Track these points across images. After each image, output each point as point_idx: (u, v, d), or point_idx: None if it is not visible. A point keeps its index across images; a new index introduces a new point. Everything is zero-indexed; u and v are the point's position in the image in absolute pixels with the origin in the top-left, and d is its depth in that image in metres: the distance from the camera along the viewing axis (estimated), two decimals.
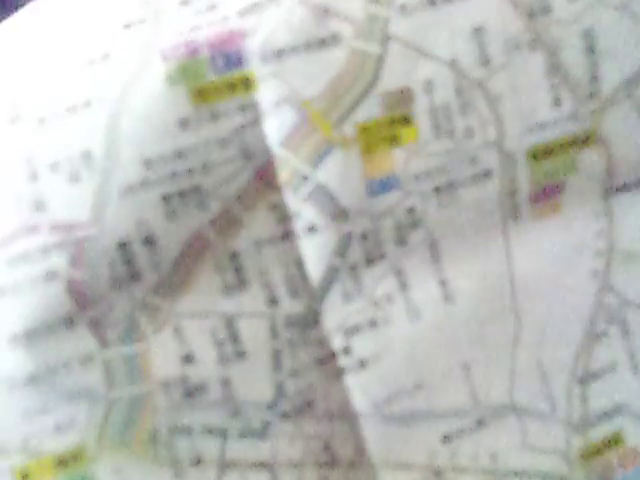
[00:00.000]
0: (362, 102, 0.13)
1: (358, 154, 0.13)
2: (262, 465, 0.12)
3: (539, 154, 0.14)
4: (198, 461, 0.12)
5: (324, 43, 0.12)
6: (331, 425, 0.13)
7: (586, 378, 0.15)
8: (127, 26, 0.12)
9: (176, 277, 0.12)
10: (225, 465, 0.12)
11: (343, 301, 0.13)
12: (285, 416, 0.13)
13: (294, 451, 0.13)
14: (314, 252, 0.13)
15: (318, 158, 0.13)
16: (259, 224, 0.13)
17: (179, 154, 0.12)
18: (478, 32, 0.13)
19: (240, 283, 0.13)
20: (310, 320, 0.13)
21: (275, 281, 0.13)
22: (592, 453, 0.15)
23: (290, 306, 0.13)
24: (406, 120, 0.13)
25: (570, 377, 0.14)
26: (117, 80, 0.12)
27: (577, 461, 0.14)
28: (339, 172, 0.13)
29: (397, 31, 0.12)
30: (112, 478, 0.12)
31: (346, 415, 0.13)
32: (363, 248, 0.13)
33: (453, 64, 0.13)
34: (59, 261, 0.12)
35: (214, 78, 0.12)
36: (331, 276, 0.13)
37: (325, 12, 0.12)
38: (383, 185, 0.13)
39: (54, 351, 0.12)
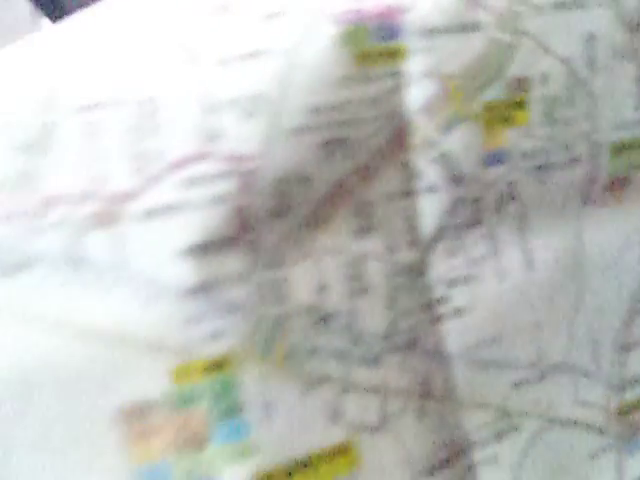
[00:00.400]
0: (491, 84, 0.14)
1: (480, 128, 0.15)
2: (375, 390, 0.14)
3: (618, 149, 0.16)
4: (324, 380, 0.14)
5: (468, 28, 0.14)
6: (429, 362, 0.15)
7: (627, 346, 0.17)
8: None
9: (319, 216, 0.14)
10: (346, 386, 0.14)
11: (446, 256, 0.15)
12: (395, 349, 0.14)
13: (401, 381, 0.14)
14: (430, 210, 0.15)
15: (447, 127, 0.15)
16: (390, 179, 0.14)
17: (337, 107, 0.14)
18: (590, 38, 0.15)
19: (368, 228, 0.14)
20: (419, 269, 0.15)
21: (395, 231, 0.15)
22: (626, 411, 0.17)
23: (404, 255, 0.15)
24: (521, 105, 0.15)
25: (614, 344, 0.17)
26: (291, 35, 0.13)
27: (614, 416, 0.17)
28: (463, 142, 0.15)
29: (529, 27, 0.14)
30: (253, 386, 0.13)
31: (441, 355, 0.15)
32: (469, 212, 0.15)
33: (566, 62, 0.15)
34: (228, 187, 0.13)
35: (374, 45, 0.14)
36: (440, 233, 0.15)
37: (474, 2, 0.14)
38: (495, 158, 0.15)
39: (216, 267, 0.13)
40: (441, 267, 0.15)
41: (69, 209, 0.13)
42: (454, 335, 0.15)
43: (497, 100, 0.15)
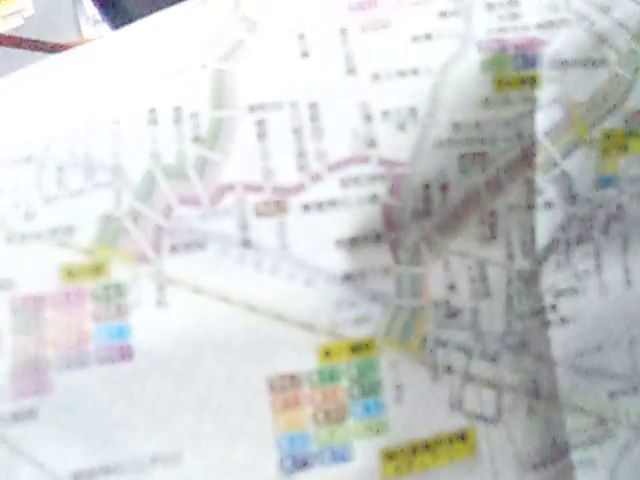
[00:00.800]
0: (611, 114, 0.16)
1: (598, 153, 0.16)
2: (492, 384, 0.15)
3: None
4: (449, 369, 0.15)
5: (596, 63, 0.16)
6: (538, 364, 0.16)
7: None
8: (442, 14, 0.15)
9: (453, 221, 0.15)
10: (467, 378, 0.15)
11: (556, 268, 0.16)
12: (510, 348, 0.15)
13: (513, 378, 0.15)
14: (545, 224, 0.16)
15: (568, 150, 0.16)
16: (514, 193, 0.16)
17: (477, 125, 0.15)
18: None
19: (492, 236, 0.16)
20: (533, 278, 0.16)
21: (514, 241, 0.16)
22: None
23: (521, 263, 0.16)
24: (637, 135, 0.16)
25: None
26: (438, 57, 0.15)
27: None
28: (581, 165, 0.16)
29: None
30: (389, 369, 0.14)
31: (548, 359, 0.16)
32: (579, 229, 0.16)
33: None
34: (380, 189, 0.14)
35: (513, 72, 0.15)
36: (553, 246, 0.16)
37: (601, 41, 0.16)
38: (608, 182, 0.16)
39: (364, 259, 0.14)
40: (551, 278, 0.16)
41: (240, 197, 0.14)
42: (559, 342, 0.16)
43: (615, 129, 0.16)
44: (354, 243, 0.14)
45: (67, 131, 0.15)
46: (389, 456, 0.14)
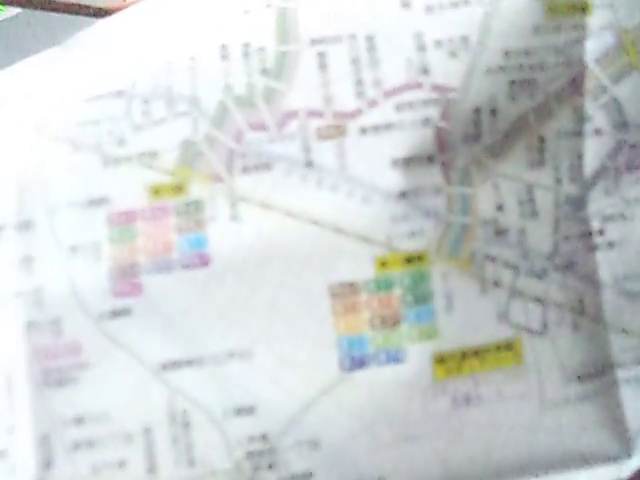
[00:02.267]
0: None
1: None
2: (538, 300, 0.16)
3: None
4: (497, 284, 0.16)
5: None
6: (584, 285, 0.17)
7: None
8: None
9: (502, 146, 0.16)
10: (514, 292, 0.16)
11: (604, 194, 0.17)
12: (557, 268, 0.16)
13: (560, 296, 0.16)
14: (594, 150, 0.17)
15: (619, 77, 0.16)
16: (563, 119, 0.16)
17: (527, 52, 0.16)
18: None
19: (540, 161, 0.16)
20: (580, 202, 0.17)
21: (562, 166, 0.16)
22: None
23: (569, 188, 0.17)
24: None
25: None
26: None
27: None
28: (632, 91, 0.16)
29: None
30: (440, 280, 0.15)
31: (594, 281, 0.17)
32: (629, 156, 0.17)
33: None
34: (433, 112, 0.15)
35: (564, 0, 0.16)
36: (601, 173, 0.17)
37: None
38: None
39: (418, 178, 0.15)
40: (599, 203, 0.17)
41: (303, 123, 0.16)
42: (606, 265, 0.17)
43: None
44: (408, 163, 0.15)
45: (150, 68, 0.17)
46: (440, 360, 0.15)
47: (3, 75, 0.19)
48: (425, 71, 0.16)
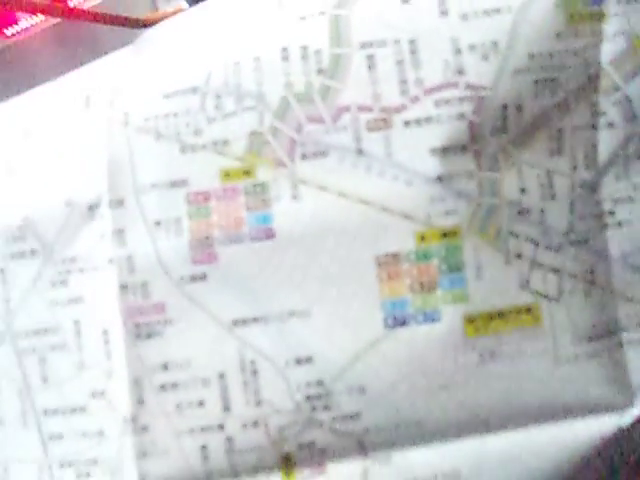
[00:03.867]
0: None
1: None
2: (555, 270, 0.18)
3: None
4: (519, 256, 0.18)
5: None
6: (596, 259, 0.19)
7: None
8: None
9: (526, 137, 0.18)
10: (534, 264, 0.18)
11: (615, 180, 0.19)
12: (572, 243, 0.19)
13: (574, 267, 0.19)
14: (607, 141, 0.19)
15: (630, 76, 0.18)
16: (580, 114, 0.19)
17: (550, 55, 0.18)
18: None
19: (559, 151, 0.19)
20: (594, 186, 0.19)
21: (578, 155, 0.19)
22: None
23: (584, 174, 0.19)
24: None
25: None
26: None
27: None
28: None
29: None
30: (471, 252, 0.18)
31: (605, 255, 0.19)
32: (637, 146, 0.19)
33: None
34: (467, 108, 0.18)
35: (583, 8, 0.18)
36: (612, 160, 0.19)
37: None
38: None
39: (452, 165, 0.18)
40: (610, 187, 0.19)
41: (354, 116, 0.18)
42: (615, 241, 0.19)
43: None
44: (445, 152, 0.18)
45: (220, 67, 0.19)
46: (470, 319, 0.18)
47: (85, 73, 0.22)
48: (460, 72, 0.18)
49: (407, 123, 0.18)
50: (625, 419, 0.19)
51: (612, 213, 0.19)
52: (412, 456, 0.19)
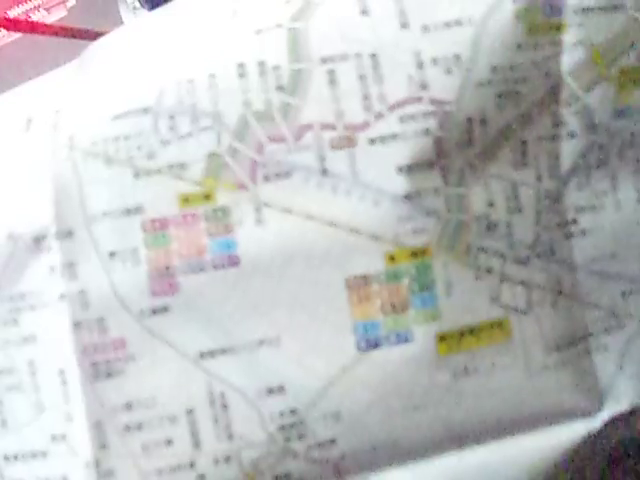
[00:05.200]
0: (627, 53, 0.18)
1: (615, 88, 0.19)
2: (523, 283, 0.18)
3: None
4: (489, 271, 0.18)
5: (614, 7, 0.18)
6: (562, 268, 0.19)
7: None
8: None
9: (491, 150, 0.18)
10: (503, 277, 0.18)
11: (577, 188, 0.19)
12: (538, 255, 0.19)
13: (541, 279, 0.19)
14: (568, 151, 0.19)
15: (589, 86, 0.18)
16: (542, 125, 0.18)
17: (511, 67, 0.18)
18: None
19: (523, 162, 0.18)
20: (557, 196, 0.19)
21: (542, 166, 0.19)
22: None
23: (548, 184, 0.19)
24: None
25: None
26: (479, 8, 0.18)
27: None
28: (600, 99, 0.19)
29: None
30: (441, 270, 0.18)
31: (570, 264, 0.19)
32: (597, 155, 0.19)
33: None
34: (432, 124, 0.17)
35: (542, 20, 0.18)
36: (574, 170, 0.19)
37: None
38: (623, 112, 0.19)
39: (419, 182, 0.17)
40: (573, 196, 0.19)
41: (317, 134, 0.17)
42: (580, 250, 0.19)
43: (630, 66, 0.19)
44: (411, 169, 0.17)
45: (173, 85, 0.18)
46: (442, 338, 0.18)
47: (25, 92, 0.20)
48: (424, 86, 0.17)
49: (372, 141, 0.18)
50: (595, 423, 0.19)
51: (575, 222, 0.20)
52: (389, 477, 0.18)
